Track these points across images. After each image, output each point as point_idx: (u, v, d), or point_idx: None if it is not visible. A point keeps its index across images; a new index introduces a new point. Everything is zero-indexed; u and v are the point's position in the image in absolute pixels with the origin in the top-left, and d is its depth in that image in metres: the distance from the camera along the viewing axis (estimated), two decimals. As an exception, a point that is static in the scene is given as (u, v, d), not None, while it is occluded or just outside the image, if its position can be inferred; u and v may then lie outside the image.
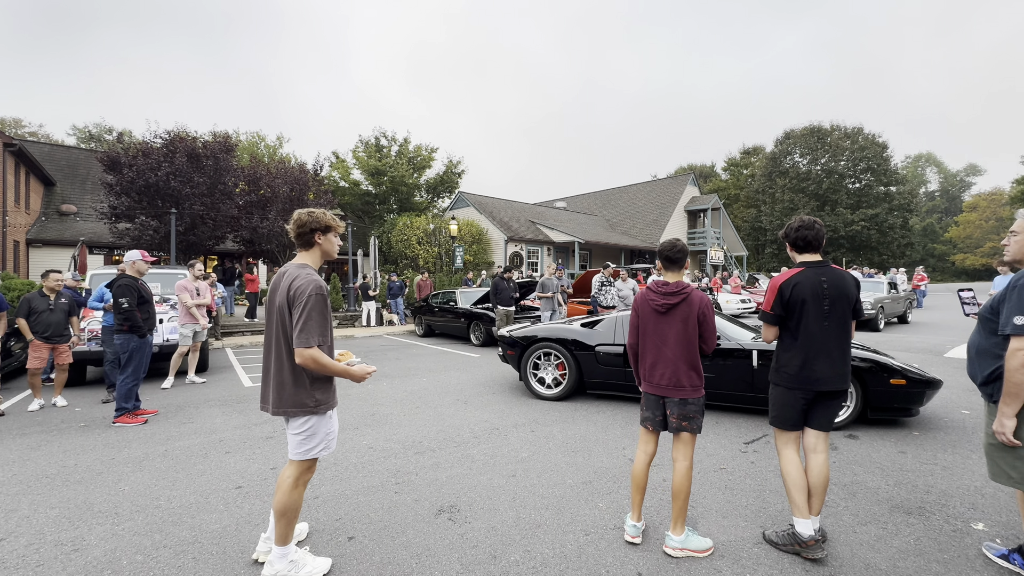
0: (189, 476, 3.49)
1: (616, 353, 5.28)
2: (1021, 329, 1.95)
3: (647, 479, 2.57)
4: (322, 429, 2.25)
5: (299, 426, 2.21)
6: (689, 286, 2.54)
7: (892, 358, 4.48)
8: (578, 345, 5.53)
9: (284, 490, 2.20)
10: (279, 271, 2.27)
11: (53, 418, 5.04)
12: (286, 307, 2.14)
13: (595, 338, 5.48)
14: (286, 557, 2.20)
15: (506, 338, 6.14)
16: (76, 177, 20.08)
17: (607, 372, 5.37)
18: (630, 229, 29.64)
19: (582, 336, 5.55)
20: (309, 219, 2.23)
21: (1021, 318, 1.96)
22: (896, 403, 4.30)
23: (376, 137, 26.94)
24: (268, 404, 2.24)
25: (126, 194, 13.00)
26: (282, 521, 2.19)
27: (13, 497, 3.16)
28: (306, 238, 2.26)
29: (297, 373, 2.17)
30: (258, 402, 5.59)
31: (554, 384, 5.67)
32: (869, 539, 2.56)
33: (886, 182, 37.13)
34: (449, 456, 3.82)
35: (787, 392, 2.48)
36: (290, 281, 2.15)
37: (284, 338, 2.17)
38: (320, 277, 2.21)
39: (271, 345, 2.23)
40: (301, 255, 2.30)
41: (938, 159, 66.67)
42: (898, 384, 4.24)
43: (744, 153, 52.69)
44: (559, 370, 5.65)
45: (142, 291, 5.07)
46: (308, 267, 2.25)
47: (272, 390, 2.21)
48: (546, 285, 9.88)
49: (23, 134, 35.89)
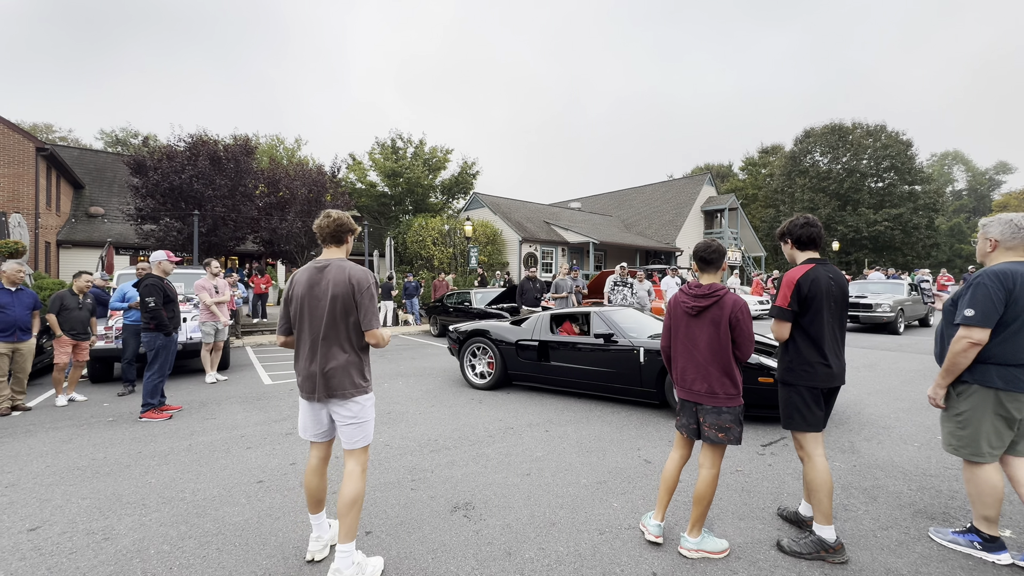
0: (212, 470, 3.59)
1: (532, 347, 5.81)
2: (967, 320, 2.26)
3: (677, 481, 2.55)
4: (370, 413, 2.36)
5: (351, 413, 2.29)
6: (722, 288, 2.44)
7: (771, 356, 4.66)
8: (503, 341, 6.06)
9: (354, 479, 2.26)
10: (316, 267, 2.35)
11: (83, 413, 5.22)
12: (350, 296, 2.27)
13: (518, 334, 5.98)
14: (350, 557, 2.21)
15: (451, 333, 6.72)
16: (104, 180, 20.72)
17: (526, 365, 5.88)
18: (646, 230, 29.41)
19: (507, 332, 6.08)
20: (347, 220, 2.41)
21: (970, 311, 2.26)
22: (766, 401, 4.37)
23: (392, 139, 27.21)
24: (316, 391, 2.29)
25: (151, 196, 13.39)
26: (352, 512, 2.22)
27: (47, 488, 3.30)
28: (341, 236, 2.41)
29: (350, 358, 2.29)
30: (277, 399, 5.72)
31: (485, 375, 6.25)
32: (890, 544, 2.51)
33: (910, 181, 36.07)
34: (464, 454, 3.86)
35: (808, 391, 2.44)
36: (347, 273, 2.28)
37: (344, 324, 2.29)
38: None
39: (319, 334, 2.29)
40: (334, 250, 2.42)
41: (966, 157, 64.55)
42: (766, 383, 4.34)
43: (762, 152, 51.84)
44: (489, 363, 6.24)
45: (167, 290, 5.23)
46: (349, 261, 2.39)
47: (323, 376, 2.27)
48: (560, 286, 9.88)
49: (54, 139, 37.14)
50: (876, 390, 5.85)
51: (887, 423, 4.56)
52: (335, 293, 2.26)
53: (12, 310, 5.11)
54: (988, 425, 2.31)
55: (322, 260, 2.37)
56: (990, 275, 2.27)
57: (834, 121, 38.44)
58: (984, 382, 2.30)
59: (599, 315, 5.65)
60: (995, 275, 2.26)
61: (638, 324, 5.66)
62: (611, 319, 5.54)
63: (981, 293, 2.26)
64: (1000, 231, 2.35)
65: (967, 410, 2.36)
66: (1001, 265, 2.30)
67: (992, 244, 2.38)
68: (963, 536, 2.46)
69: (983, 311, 2.24)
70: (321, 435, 2.38)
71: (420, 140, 27.32)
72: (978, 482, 2.37)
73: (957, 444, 2.41)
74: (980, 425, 2.32)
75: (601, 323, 5.52)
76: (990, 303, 2.23)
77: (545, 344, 5.75)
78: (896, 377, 6.60)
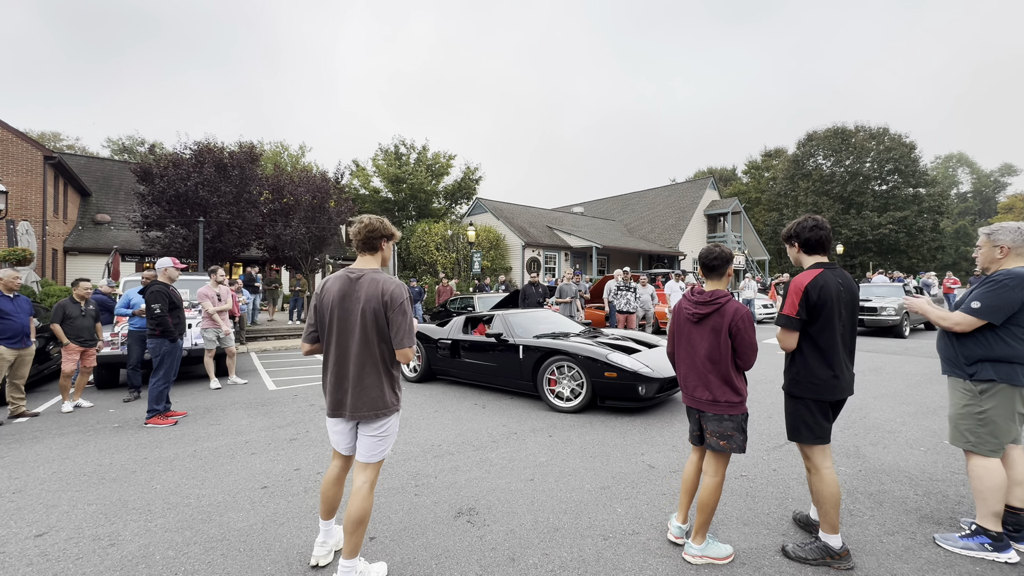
0: (217, 476, 3.60)
1: (447, 345, 6.53)
2: (973, 311, 2.45)
3: (697, 484, 2.54)
4: (395, 428, 2.30)
5: (378, 427, 2.23)
6: (725, 295, 2.39)
7: (624, 353, 5.27)
8: (428, 339, 6.83)
9: (363, 496, 2.18)
10: (349, 276, 2.23)
11: (89, 419, 5.25)
12: (382, 311, 2.17)
13: (439, 334, 6.73)
14: (355, 568, 2.17)
15: None
16: (110, 188, 20.90)
17: (443, 361, 6.63)
18: (648, 234, 29.41)
19: (431, 332, 6.85)
20: (380, 225, 2.27)
21: (977, 304, 2.44)
22: (613, 393, 5.00)
23: (396, 145, 27.38)
24: (345, 409, 2.21)
25: (157, 203, 13.49)
26: (359, 531, 2.16)
27: (54, 493, 3.32)
28: (373, 243, 2.28)
29: (383, 375, 2.21)
30: (282, 405, 5.74)
31: (417, 369, 6.99)
32: (896, 549, 2.50)
33: (915, 183, 35.95)
34: (467, 460, 3.86)
35: (816, 404, 2.38)
36: (381, 288, 2.17)
37: (376, 341, 2.18)
38: None
39: (349, 349, 2.19)
40: (368, 259, 2.30)
41: (970, 159, 64.35)
42: (611, 376, 4.94)
43: (765, 155, 51.82)
44: (419, 358, 6.97)
45: (173, 297, 5.27)
46: (383, 272, 2.27)
47: (352, 395, 2.19)
48: (563, 291, 9.88)
49: (61, 147, 37.57)
50: (882, 394, 5.81)
51: (893, 427, 4.53)
52: (367, 308, 2.16)
53: (17, 317, 5.16)
54: (1008, 421, 2.42)
55: (356, 269, 2.25)
56: (1015, 276, 2.39)
57: (836, 124, 38.45)
58: (1012, 381, 2.39)
59: (500, 317, 6.36)
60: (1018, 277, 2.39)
61: (533, 325, 6.32)
62: (507, 320, 6.22)
63: (999, 291, 2.39)
64: (1012, 238, 2.49)
65: (991, 408, 2.42)
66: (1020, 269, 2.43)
67: (1004, 251, 2.52)
68: (972, 540, 2.46)
69: (990, 306, 2.39)
70: (350, 448, 2.32)
71: (423, 146, 27.50)
72: (992, 476, 2.41)
73: (976, 441, 2.46)
74: (1002, 422, 2.41)
75: (498, 324, 6.23)
76: (1005, 301, 2.37)
77: (457, 343, 6.49)
78: (901, 381, 6.56)
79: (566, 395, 5.26)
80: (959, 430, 2.53)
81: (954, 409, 2.56)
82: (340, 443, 2.31)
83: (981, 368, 2.44)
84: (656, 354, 5.47)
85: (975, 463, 2.47)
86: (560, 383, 5.30)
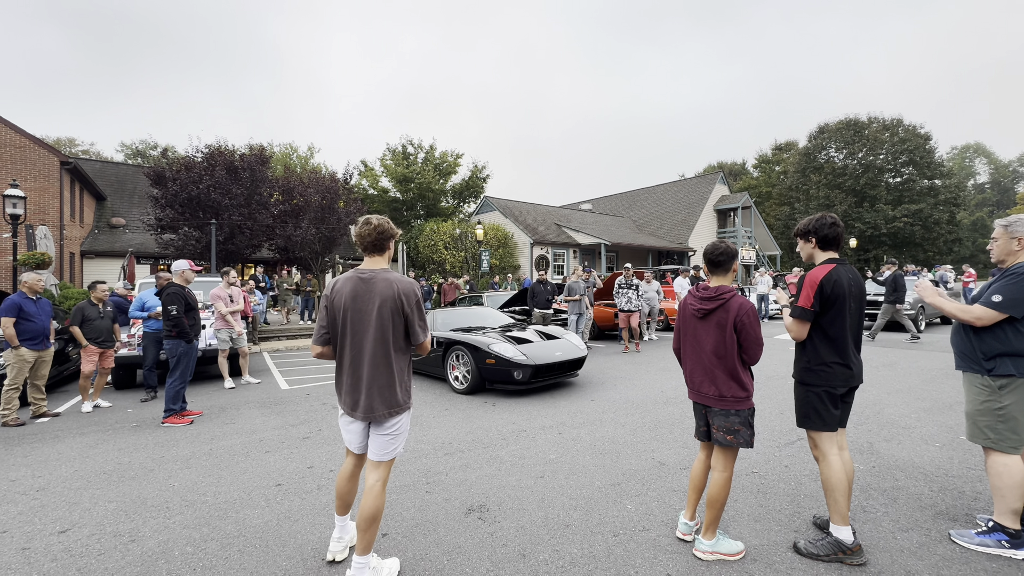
0: (232, 474, 3.67)
1: None
2: (993, 305, 2.42)
3: (704, 482, 2.55)
4: (406, 426, 2.33)
5: (391, 426, 2.25)
6: (730, 291, 2.40)
7: (514, 343, 6.08)
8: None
9: (375, 494, 2.20)
10: (360, 277, 2.25)
11: (108, 419, 5.37)
12: (398, 310, 2.22)
13: None
14: (368, 564, 2.20)
15: None
16: (124, 191, 21.27)
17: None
18: (657, 230, 29.23)
19: None
20: (388, 226, 2.33)
21: (998, 297, 2.42)
22: (494, 376, 5.85)
23: (403, 145, 27.48)
24: (359, 409, 2.24)
25: (170, 206, 13.72)
26: (372, 528, 2.18)
27: (76, 491, 3.41)
28: (383, 244, 2.33)
29: (396, 373, 2.24)
30: (294, 404, 5.81)
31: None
32: (911, 546, 2.47)
33: (930, 175, 35.24)
34: (478, 457, 3.89)
35: (827, 392, 2.42)
36: (394, 288, 2.22)
37: (391, 341, 2.22)
38: None
39: (364, 349, 2.21)
40: (376, 259, 2.34)
41: (988, 149, 62.93)
42: (491, 363, 5.78)
43: (776, 149, 51.15)
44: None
45: (189, 299, 5.36)
46: (393, 271, 2.32)
47: (367, 394, 2.21)
48: (573, 288, 9.87)
49: (76, 152, 38.27)
50: (896, 389, 5.74)
51: (907, 423, 4.48)
52: (383, 308, 2.18)
53: (39, 319, 5.30)
54: None
55: (366, 270, 2.26)
56: None
57: (849, 116, 37.80)
58: None
59: (432, 313, 7.38)
60: None
61: (458, 320, 7.31)
62: (435, 316, 7.25)
63: (1020, 284, 2.38)
64: None
65: (1011, 403, 2.40)
66: None
67: (1021, 243, 2.49)
68: (989, 536, 2.43)
69: (1013, 299, 2.38)
70: (363, 447, 2.35)
71: (431, 145, 27.55)
72: (1012, 473, 2.39)
73: (996, 437, 2.43)
74: (1022, 417, 2.39)
75: (430, 319, 6.96)
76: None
77: None
78: (916, 376, 6.46)
79: (461, 378, 6.21)
80: (978, 426, 2.50)
81: (971, 405, 2.54)
82: (353, 442, 2.34)
83: (1000, 363, 2.42)
84: (546, 346, 6.29)
85: (994, 460, 2.45)
86: (458, 368, 6.29)
